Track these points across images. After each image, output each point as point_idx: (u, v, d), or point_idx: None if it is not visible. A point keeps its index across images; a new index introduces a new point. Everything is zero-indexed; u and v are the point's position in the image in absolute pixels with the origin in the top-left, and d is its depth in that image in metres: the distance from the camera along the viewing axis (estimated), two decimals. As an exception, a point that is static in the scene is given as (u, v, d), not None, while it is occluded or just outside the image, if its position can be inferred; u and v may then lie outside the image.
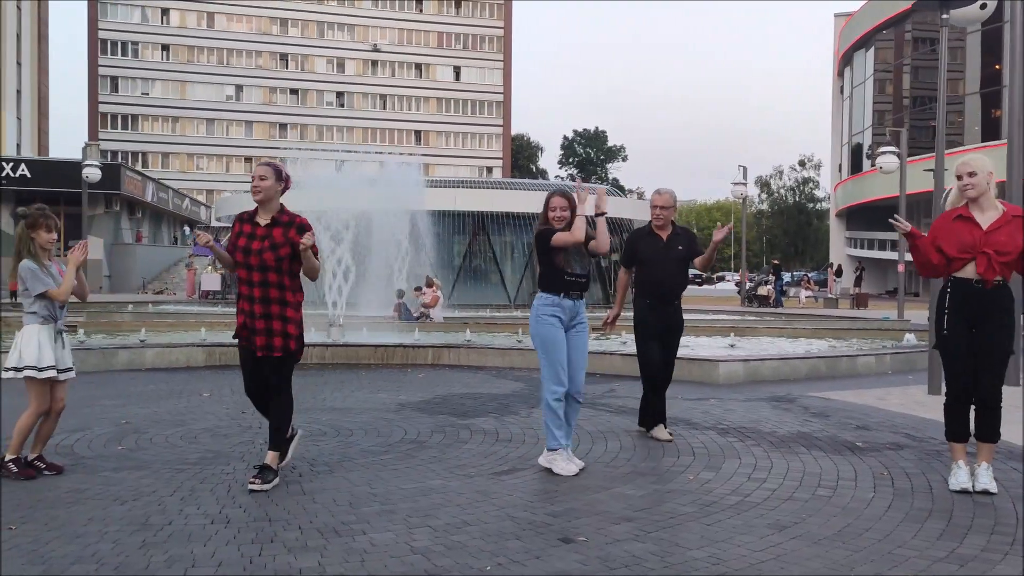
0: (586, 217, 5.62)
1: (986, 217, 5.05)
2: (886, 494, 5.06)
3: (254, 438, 6.61)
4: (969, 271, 5.03)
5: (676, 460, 6.00)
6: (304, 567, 3.77)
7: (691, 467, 5.78)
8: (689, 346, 13.74)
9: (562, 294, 5.63)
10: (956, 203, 5.22)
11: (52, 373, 5.40)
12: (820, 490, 5.16)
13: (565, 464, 5.53)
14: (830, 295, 36.97)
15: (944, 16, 9.18)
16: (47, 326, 5.40)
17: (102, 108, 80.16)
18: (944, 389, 5.25)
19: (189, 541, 4.11)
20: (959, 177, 5.12)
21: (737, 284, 35.48)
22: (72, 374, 5.61)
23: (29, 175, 38.46)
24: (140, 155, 79.66)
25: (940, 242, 5.14)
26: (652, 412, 6.81)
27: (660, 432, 6.69)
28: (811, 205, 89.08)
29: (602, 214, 5.73)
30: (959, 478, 5.09)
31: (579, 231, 5.54)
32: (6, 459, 5.34)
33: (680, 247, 6.80)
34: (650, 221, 6.92)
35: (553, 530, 4.34)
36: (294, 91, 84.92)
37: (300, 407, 7.98)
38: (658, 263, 6.76)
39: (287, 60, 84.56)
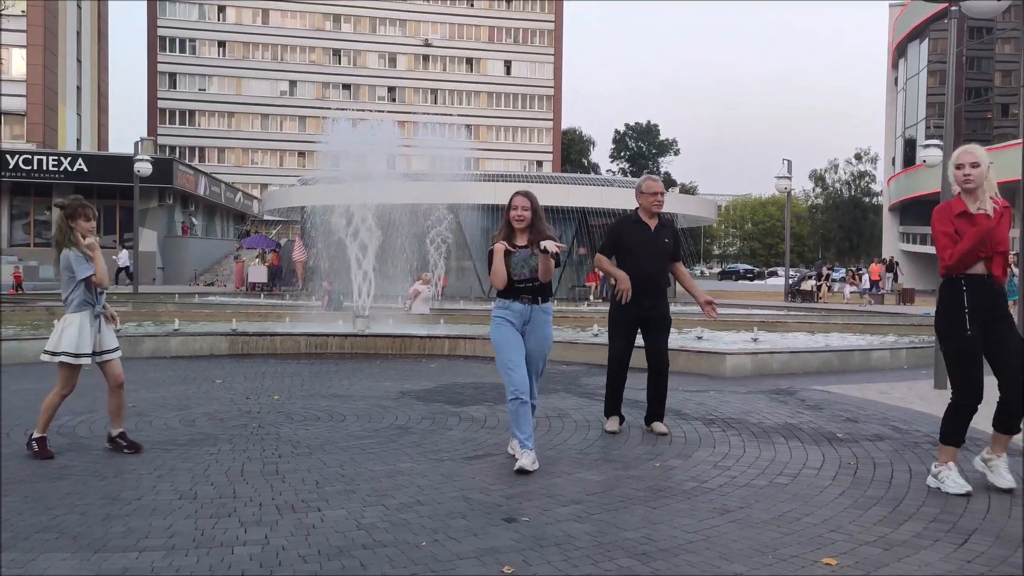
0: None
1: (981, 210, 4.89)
2: (843, 482, 5.11)
3: (248, 422, 6.86)
4: (979, 267, 4.91)
5: (650, 448, 6.09)
6: (249, 539, 3.97)
7: (662, 455, 5.88)
8: (709, 339, 13.76)
9: (512, 298, 5.66)
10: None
11: (87, 361, 5.69)
12: (779, 478, 5.23)
13: (522, 460, 5.37)
14: (879, 291, 36.33)
15: (954, 8, 9.10)
16: (86, 311, 5.68)
17: (161, 104, 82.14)
18: (950, 388, 4.97)
19: (151, 515, 4.34)
20: (959, 167, 4.88)
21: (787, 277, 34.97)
22: (118, 353, 5.88)
23: (86, 169, 39.68)
24: (197, 150, 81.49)
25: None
26: (618, 402, 6.72)
27: (659, 427, 6.62)
28: (867, 199, 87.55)
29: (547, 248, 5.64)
30: (957, 481, 4.85)
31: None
32: (33, 436, 5.67)
33: (666, 239, 6.65)
34: (636, 209, 6.72)
35: (502, 511, 4.49)
36: (347, 86, 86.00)
37: (303, 394, 8.28)
38: (644, 252, 6.53)
39: (340, 56, 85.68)
